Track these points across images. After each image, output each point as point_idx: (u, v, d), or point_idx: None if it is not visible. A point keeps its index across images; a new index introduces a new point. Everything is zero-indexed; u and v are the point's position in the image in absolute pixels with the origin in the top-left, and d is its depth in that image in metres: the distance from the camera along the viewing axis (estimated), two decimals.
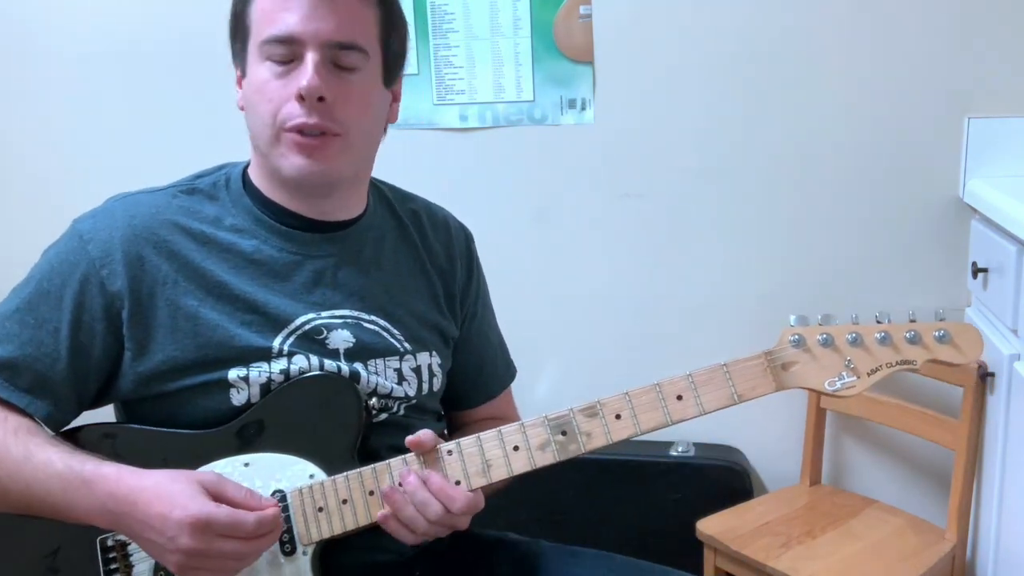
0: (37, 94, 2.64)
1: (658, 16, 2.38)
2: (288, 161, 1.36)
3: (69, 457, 1.29)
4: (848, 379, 1.29)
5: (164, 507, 1.22)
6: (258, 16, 1.36)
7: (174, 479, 1.25)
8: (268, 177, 1.43)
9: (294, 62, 1.34)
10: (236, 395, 1.36)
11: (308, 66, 1.32)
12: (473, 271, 1.61)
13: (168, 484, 1.24)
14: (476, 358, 1.62)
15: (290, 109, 1.33)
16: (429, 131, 2.48)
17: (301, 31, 1.33)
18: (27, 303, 1.37)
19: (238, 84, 1.43)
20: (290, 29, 1.33)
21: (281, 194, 1.43)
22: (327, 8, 1.34)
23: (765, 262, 2.45)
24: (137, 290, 1.36)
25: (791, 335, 1.30)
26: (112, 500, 1.25)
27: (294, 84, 1.33)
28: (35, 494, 1.29)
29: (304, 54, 1.33)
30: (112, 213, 1.40)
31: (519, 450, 1.30)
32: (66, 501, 1.28)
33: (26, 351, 1.35)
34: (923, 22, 2.29)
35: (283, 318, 1.39)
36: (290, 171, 1.36)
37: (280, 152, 1.36)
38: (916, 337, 1.29)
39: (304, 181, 1.38)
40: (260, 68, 1.36)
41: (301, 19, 1.33)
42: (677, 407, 1.29)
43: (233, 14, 1.41)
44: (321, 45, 1.33)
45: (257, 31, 1.36)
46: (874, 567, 2.06)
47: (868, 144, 2.36)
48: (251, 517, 1.23)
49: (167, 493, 1.23)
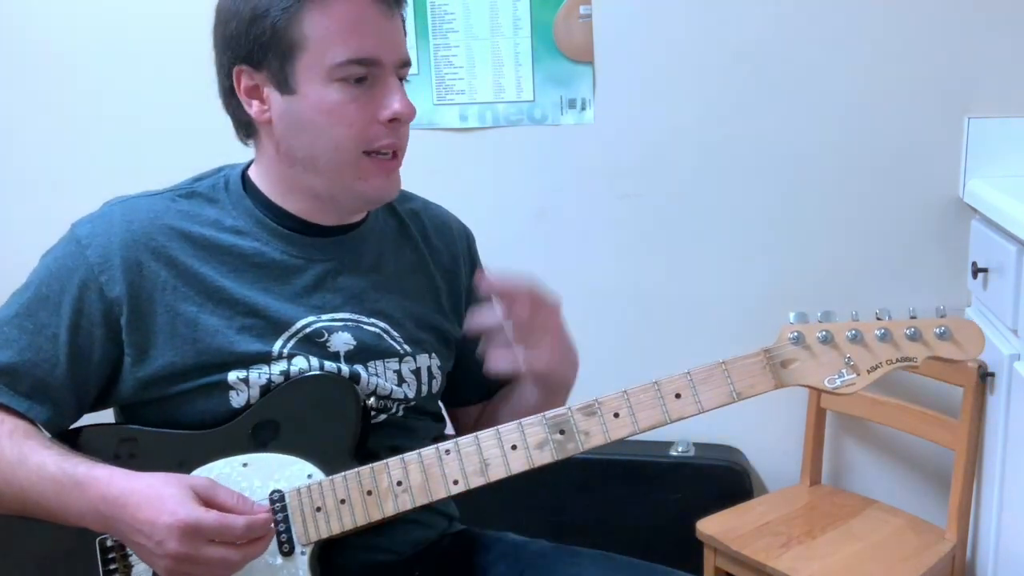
0: (36, 96, 2.64)
1: (658, 16, 2.38)
2: (370, 184, 1.37)
3: (63, 460, 1.28)
4: (848, 376, 1.28)
5: (153, 512, 1.21)
6: (321, 34, 1.31)
7: (165, 483, 1.24)
8: (285, 187, 1.42)
9: (367, 82, 1.34)
10: (236, 397, 1.36)
11: (394, 90, 1.35)
12: (475, 270, 1.61)
13: (159, 488, 1.24)
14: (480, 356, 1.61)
15: (376, 132, 1.35)
16: (429, 131, 2.48)
17: (381, 54, 1.33)
18: (26, 308, 1.36)
19: (247, 94, 1.37)
20: (371, 52, 1.33)
21: (292, 201, 1.42)
22: (394, 28, 1.36)
23: (764, 262, 2.44)
24: (136, 296, 1.36)
25: (790, 332, 1.29)
26: (103, 503, 1.25)
27: (375, 106, 1.34)
28: (29, 497, 1.29)
29: (382, 76, 1.34)
30: (110, 218, 1.39)
31: (517, 449, 1.30)
32: (59, 504, 1.27)
33: (25, 356, 1.35)
34: (923, 22, 2.29)
35: (283, 322, 1.39)
36: (372, 193, 1.39)
37: (358, 175, 1.37)
38: (916, 334, 1.28)
39: (382, 201, 1.42)
40: (327, 90, 1.33)
41: (379, 41, 1.33)
42: (676, 405, 1.29)
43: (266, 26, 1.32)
44: (395, 66, 1.35)
45: (321, 51, 1.32)
46: (874, 567, 2.06)
47: (868, 144, 2.36)
48: (240, 522, 1.23)
49: (157, 497, 1.22)
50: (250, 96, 1.37)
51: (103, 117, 2.61)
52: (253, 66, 1.35)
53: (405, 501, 1.32)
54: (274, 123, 1.37)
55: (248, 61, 1.35)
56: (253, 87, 1.37)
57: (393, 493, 1.32)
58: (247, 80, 1.37)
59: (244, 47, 1.35)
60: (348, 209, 1.45)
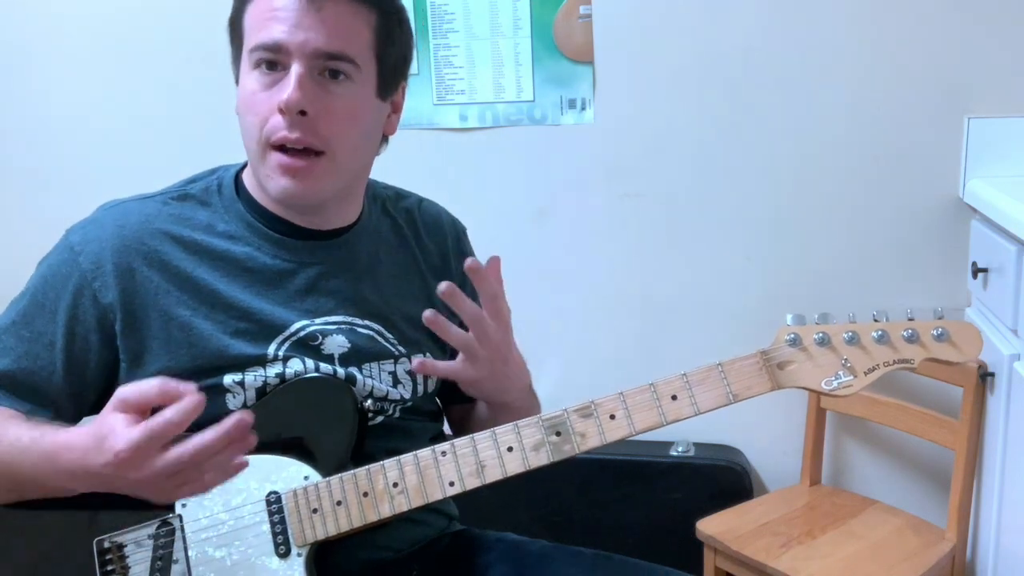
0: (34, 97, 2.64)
1: (658, 16, 2.38)
2: (273, 182, 1.35)
3: (34, 431, 1.25)
4: (845, 378, 1.28)
5: (103, 456, 1.15)
6: (249, 23, 1.34)
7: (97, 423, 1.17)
8: (261, 186, 1.42)
9: (281, 73, 1.32)
10: (232, 400, 1.37)
11: (291, 78, 1.30)
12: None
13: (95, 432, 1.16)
14: None
15: (274, 122, 1.32)
16: (429, 131, 2.48)
17: (287, 40, 1.30)
18: (22, 316, 1.37)
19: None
20: (276, 37, 1.30)
21: (274, 204, 1.42)
22: (315, 17, 1.31)
23: (764, 262, 2.44)
24: (129, 302, 1.36)
25: (787, 334, 1.29)
26: (71, 466, 1.20)
27: (278, 96, 1.31)
28: (11, 472, 1.27)
29: (290, 64, 1.31)
30: (102, 223, 1.39)
31: (513, 451, 1.30)
32: (37, 476, 1.24)
33: (23, 364, 1.35)
34: (923, 22, 2.29)
35: (277, 325, 1.39)
36: (275, 192, 1.36)
37: (266, 172, 1.35)
38: (914, 336, 1.28)
39: (289, 202, 1.38)
40: (249, 77, 1.35)
41: (289, 28, 1.30)
42: (672, 407, 1.29)
43: (230, 19, 1.40)
44: (307, 56, 1.31)
45: (247, 38, 1.35)
46: (874, 567, 2.06)
47: (868, 144, 2.36)
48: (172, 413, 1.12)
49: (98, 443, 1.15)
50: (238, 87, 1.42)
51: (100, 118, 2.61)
52: (232, 62, 1.41)
53: (401, 503, 1.32)
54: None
55: (232, 59, 1.42)
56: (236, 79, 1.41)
57: (389, 495, 1.32)
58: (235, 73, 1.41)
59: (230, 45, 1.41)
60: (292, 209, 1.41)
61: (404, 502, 1.32)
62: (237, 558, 1.32)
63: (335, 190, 1.40)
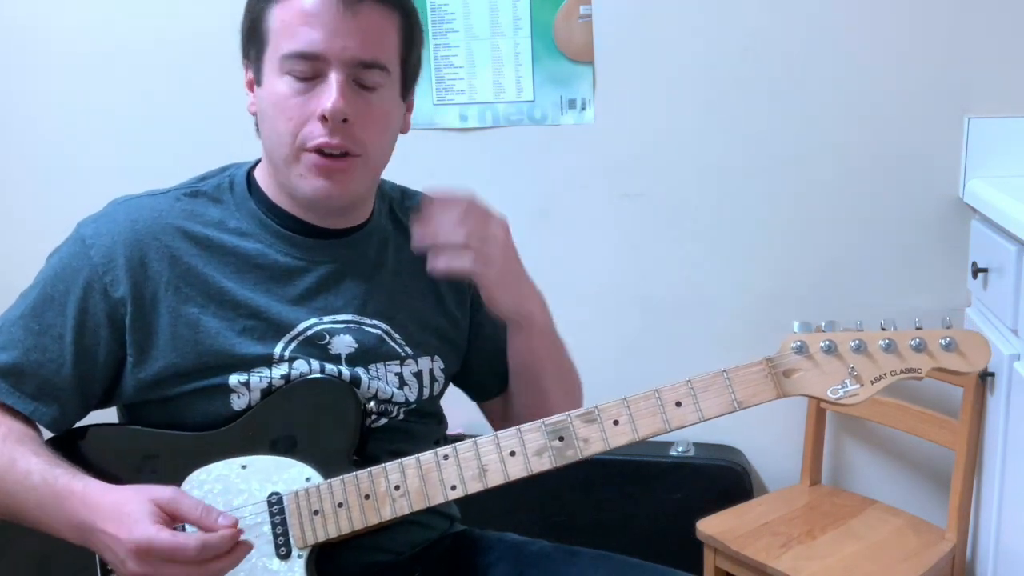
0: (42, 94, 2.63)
1: (658, 16, 2.38)
2: (307, 182, 1.35)
3: (47, 470, 1.28)
4: (851, 387, 1.27)
5: (116, 528, 1.21)
6: (278, 27, 1.33)
7: (129, 499, 1.24)
8: (278, 186, 1.42)
9: (316, 79, 1.31)
10: (237, 400, 1.37)
11: (332, 87, 1.30)
12: None
13: (122, 505, 1.23)
14: (492, 343, 1.58)
15: (311, 129, 1.32)
16: (429, 131, 2.48)
17: (325, 49, 1.30)
18: (32, 309, 1.37)
19: (248, 87, 1.42)
20: (314, 46, 1.30)
21: (289, 202, 1.42)
22: (352, 25, 1.31)
23: (764, 262, 2.44)
24: (139, 296, 1.36)
25: (793, 342, 1.28)
26: (76, 517, 1.25)
27: (316, 103, 1.31)
28: (16, 504, 1.29)
29: (327, 72, 1.31)
30: (114, 217, 1.39)
31: (516, 455, 1.30)
32: (41, 515, 1.28)
33: (31, 357, 1.35)
34: (923, 22, 2.29)
35: (285, 324, 1.39)
36: (308, 192, 1.36)
37: (299, 172, 1.35)
38: (921, 345, 1.26)
39: (323, 202, 1.38)
40: (278, 82, 1.33)
41: (326, 36, 1.30)
42: (676, 414, 1.28)
43: (249, 17, 1.38)
44: (345, 64, 1.31)
45: (276, 43, 1.33)
46: (874, 567, 2.06)
47: (868, 144, 2.36)
48: (192, 542, 1.19)
49: (120, 515, 1.22)
50: (249, 90, 1.41)
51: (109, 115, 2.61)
52: (247, 60, 1.40)
53: (403, 506, 1.32)
54: (256, 116, 1.40)
55: (246, 55, 1.40)
56: (249, 81, 1.41)
57: (391, 497, 1.32)
58: (246, 74, 1.41)
59: (243, 42, 1.40)
60: (319, 210, 1.42)
61: (406, 505, 1.32)
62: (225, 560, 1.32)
63: (364, 191, 1.42)
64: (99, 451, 1.38)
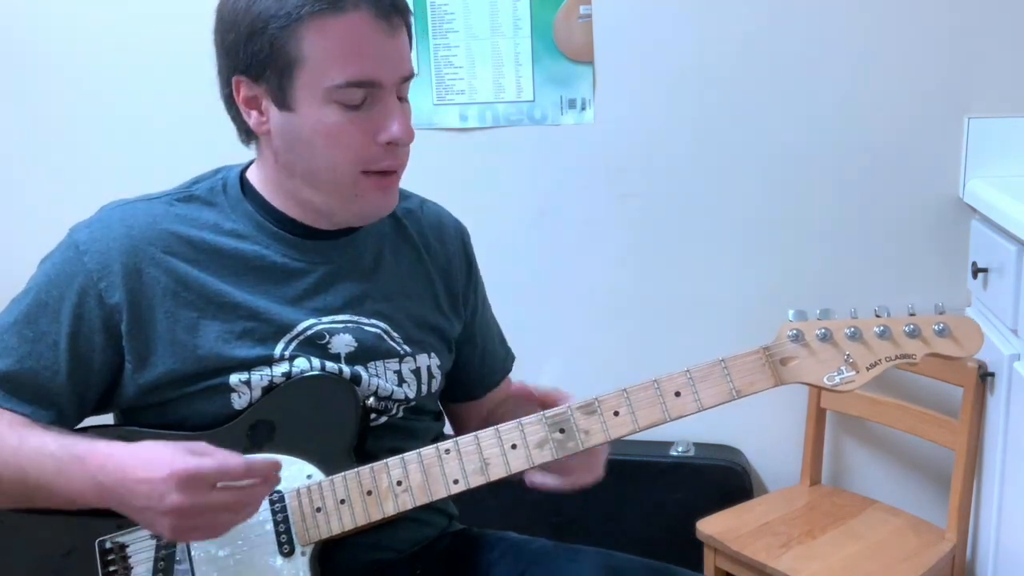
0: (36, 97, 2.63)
1: (658, 16, 2.38)
2: (369, 202, 1.37)
3: (63, 438, 1.28)
4: (847, 374, 1.28)
5: (151, 470, 1.19)
6: (319, 54, 1.29)
7: (158, 446, 1.23)
8: (282, 191, 1.41)
9: (365, 102, 1.31)
10: (237, 399, 1.36)
11: (394, 113, 1.33)
12: (471, 267, 1.61)
13: (154, 449, 1.22)
14: (479, 349, 1.62)
15: (374, 153, 1.33)
16: (429, 131, 2.48)
17: (382, 76, 1.31)
18: (25, 316, 1.36)
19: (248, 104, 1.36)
20: (370, 74, 1.30)
21: (292, 206, 1.41)
22: (396, 45, 1.33)
23: (765, 263, 2.44)
24: (136, 303, 1.35)
25: (789, 330, 1.29)
26: (102, 472, 1.23)
27: (373, 128, 1.32)
28: (29, 476, 1.27)
29: (382, 97, 1.32)
30: (109, 223, 1.38)
31: (517, 448, 1.30)
32: (60, 479, 1.26)
33: (26, 364, 1.34)
34: (923, 22, 2.29)
35: (285, 325, 1.39)
36: (372, 210, 1.39)
37: (357, 193, 1.36)
38: (915, 331, 1.28)
39: (382, 215, 1.41)
40: (326, 111, 1.30)
41: (379, 62, 1.30)
42: (676, 403, 1.29)
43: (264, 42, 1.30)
44: (395, 85, 1.33)
45: (319, 70, 1.29)
46: (874, 567, 2.06)
47: (868, 144, 2.36)
48: (239, 459, 1.21)
49: (153, 457, 1.21)
50: (249, 106, 1.36)
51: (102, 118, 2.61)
52: (252, 78, 1.34)
53: (405, 501, 1.32)
54: (272, 136, 1.36)
55: (247, 73, 1.33)
56: (252, 98, 1.35)
57: (393, 493, 1.32)
58: (246, 91, 1.35)
59: (243, 59, 1.32)
60: (346, 223, 1.44)
61: (408, 500, 1.32)
62: (240, 557, 1.32)
63: None
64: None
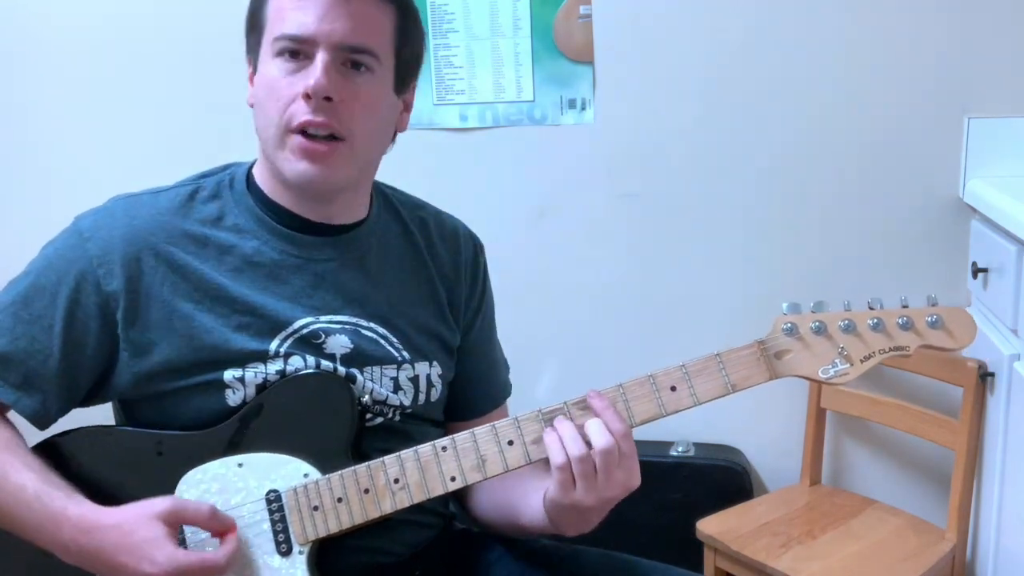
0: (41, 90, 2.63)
1: (658, 16, 2.38)
2: (291, 165, 1.35)
3: (40, 486, 1.29)
4: (841, 366, 1.29)
5: (135, 560, 1.23)
6: (272, 13, 1.36)
7: (134, 525, 1.25)
8: (272, 178, 1.42)
9: (305, 61, 1.33)
10: (232, 395, 1.36)
11: (317, 66, 1.32)
12: (478, 282, 1.59)
13: (131, 532, 1.24)
14: (469, 369, 1.58)
15: (296, 107, 1.33)
16: (429, 131, 2.48)
17: (314, 31, 1.32)
18: (22, 298, 1.36)
19: (250, 81, 1.43)
20: (303, 29, 1.32)
21: (284, 195, 1.42)
22: (342, 10, 1.33)
23: (764, 262, 2.44)
24: (133, 291, 1.36)
25: (784, 323, 1.30)
26: (75, 545, 1.26)
27: (302, 83, 1.32)
28: (12, 516, 1.31)
29: (315, 54, 1.33)
30: (113, 213, 1.40)
31: (514, 444, 1.30)
32: (37, 533, 1.29)
33: (19, 345, 1.35)
34: (923, 22, 2.29)
35: (281, 321, 1.38)
36: (293, 175, 1.36)
37: (284, 155, 1.35)
38: (908, 323, 1.28)
39: (306, 186, 1.37)
40: (270, 65, 1.35)
41: (315, 19, 1.32)
42: (671, 398, 1.29)
43: (250, 10, 1.41)
44: (333, 46, 1.33)
45: (270, 28, 1.36)
46: (874, 567, 2.06)
47: (868, 144, 2.36)
48: (219, 555, 1.25)
49: (132, 545, 1.23)
50: (250, 84, 1.42)
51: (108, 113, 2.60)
52: (249, 53, 1.42)
53: (403, 498, 1.32)
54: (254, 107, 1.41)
55: (249, 50, 1.42)
56: (250, 75, 1.42)
57: (391, 491, 1.32)
58: (250, 69, 1.42)
59: (247, 38, 1.42)
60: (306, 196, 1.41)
61: (406, 498, 1.32)
62: (238, 556, 1.32)
63: (349, 178, 1.40)
64: (92, 454, 1.37)
